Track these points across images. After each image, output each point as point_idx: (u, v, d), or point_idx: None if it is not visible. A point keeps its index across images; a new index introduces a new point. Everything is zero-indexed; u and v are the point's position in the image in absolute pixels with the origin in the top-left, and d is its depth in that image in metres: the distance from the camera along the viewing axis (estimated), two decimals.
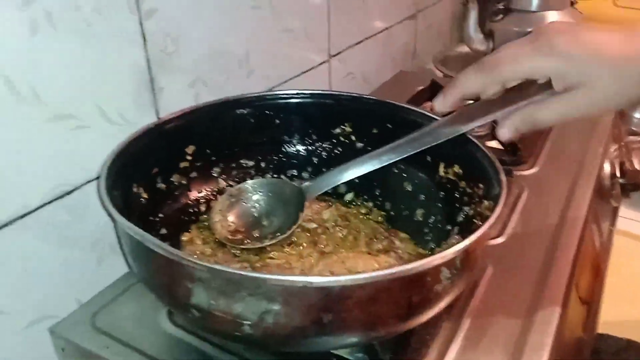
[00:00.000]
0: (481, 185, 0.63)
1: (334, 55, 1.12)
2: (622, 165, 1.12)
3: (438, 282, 0.48)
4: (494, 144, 1.03)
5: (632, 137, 1.28)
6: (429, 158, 0.72)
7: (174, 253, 0.45)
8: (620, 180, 1.10)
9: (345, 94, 0.80)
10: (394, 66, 1.39)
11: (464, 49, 1.52)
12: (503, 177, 0.57)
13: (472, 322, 0.64)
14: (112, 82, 0.67)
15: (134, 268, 0.55)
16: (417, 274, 0.46)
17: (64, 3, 0.58)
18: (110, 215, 0.51)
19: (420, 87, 1.25)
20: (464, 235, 0.54)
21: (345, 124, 0.80)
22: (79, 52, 0.60)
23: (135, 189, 0.66)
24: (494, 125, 1.05)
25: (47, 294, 0.65)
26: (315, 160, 0.82)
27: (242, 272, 0.43)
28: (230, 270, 0.43)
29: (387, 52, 1.35)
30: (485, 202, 0.60)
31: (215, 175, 0.78)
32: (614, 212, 1.14)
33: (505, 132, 0.62)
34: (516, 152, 0.97)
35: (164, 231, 0.69)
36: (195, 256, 0.45)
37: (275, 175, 0.81)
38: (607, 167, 1.01)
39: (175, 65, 0.75)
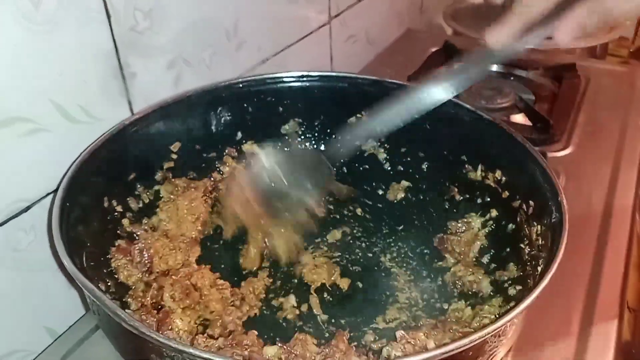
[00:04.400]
0: (531, 203, 0.51)
1: (335, 16, 0.99)
2: None
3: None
4: (520, 118, 0.93)
5: None
6: (464, 157, 0.60)
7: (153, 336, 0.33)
8: None
9: (362, 77, 0.69)
10: (400, 23, 1.26)
11: (477, 0, 1.39)
12: (564, 201, 0.45)
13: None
14: (71, 72, 0.55)
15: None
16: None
17: None
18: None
19: (433, 49, 1.11)
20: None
21: (362, 112, 0.69)
22: (25, 38, 0.50)
23: (106, 204, 0.55)
24: (519, 96, 0.94)
25: (10, 325, 0.56)
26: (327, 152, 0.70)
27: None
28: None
29: (393, 7, 1.21)
30: (537, 227, 0.49)
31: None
32: None
33: (567, 32, 0.46)
34: (548, 128, 0.85)
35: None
36: (173, 339, 0.33)
37: None
38: None
39: (149, 44, 0.63)
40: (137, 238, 0.58)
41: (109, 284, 0.51)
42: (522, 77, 1.05)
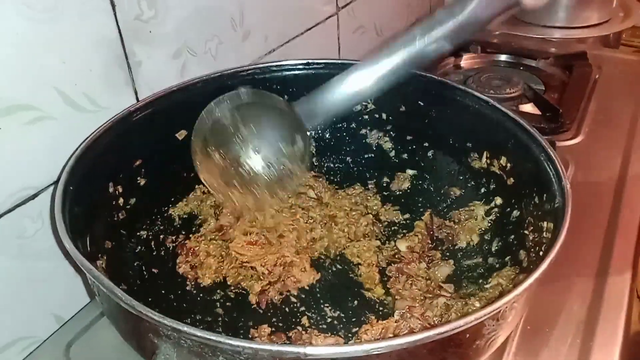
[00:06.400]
0: (536, 189, 0.51)
1: (343, 7, 0.98)
2: None
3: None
4: (529, 107, 0.92)
5: None
6: (469, 144, 0.60)
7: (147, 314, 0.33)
8: None
9: None
10: (409, 14, 1.25)
11: None
12: (567, 186, 0.45)
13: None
14: (76, 61, 0.56)
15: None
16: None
17: None
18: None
19: None
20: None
21: (368, 100, 0.69)
22: (28, 26, 0.50)
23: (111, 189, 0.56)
24: (528, 86, 0.93)
25: (17, 312, 0.57)
26: (332, 141, 0.72)
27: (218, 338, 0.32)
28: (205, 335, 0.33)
29: None
30: (541, 213, 0.49)
31: None
32: None
33: None
34: (557, 117, 0.84)
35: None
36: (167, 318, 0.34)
37: None
38: None
39: (154, 33, 0.63)
40: None
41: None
42: (531, 66, 1.04)
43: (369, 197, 0.69)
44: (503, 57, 1.07)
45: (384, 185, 0.71)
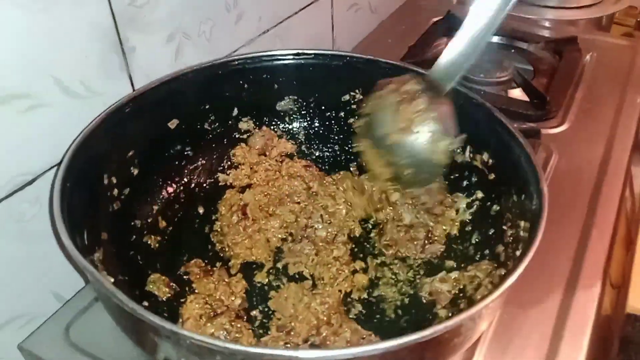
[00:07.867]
0: (515, 188, 0.53)
1: None
2: None
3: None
4: (517, 93, 0.93)
5: None
6: None
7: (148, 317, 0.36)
8: None
9: (357, 55, 0.68)
10: None
11: None
12: (545, 189, 0.47)
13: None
14: (70, 48, 0.56)
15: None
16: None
17: None
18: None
19: (435, 19, 1.10)
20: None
21: (356, 90, 0.70)
22: (24, 15, 0.51)
23: (106, 181, 0.57)
24: (517, 71, 0.94)
25: (18, 290, 0.59)
26: (321, 130, 0.74)
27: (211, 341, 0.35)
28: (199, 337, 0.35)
29: None
30: (519, 211, 0.51)
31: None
32: None
33: None
34: (544, 104, 0.85)
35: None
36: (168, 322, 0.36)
37: None
38: None
39: (148, 18, 0.64)
40: None
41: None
42: (523, 49, 1.04)
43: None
44: (495, 39, 1.08)
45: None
